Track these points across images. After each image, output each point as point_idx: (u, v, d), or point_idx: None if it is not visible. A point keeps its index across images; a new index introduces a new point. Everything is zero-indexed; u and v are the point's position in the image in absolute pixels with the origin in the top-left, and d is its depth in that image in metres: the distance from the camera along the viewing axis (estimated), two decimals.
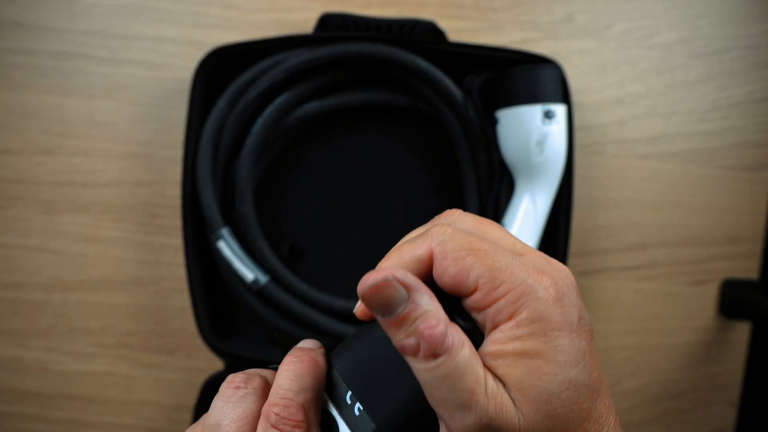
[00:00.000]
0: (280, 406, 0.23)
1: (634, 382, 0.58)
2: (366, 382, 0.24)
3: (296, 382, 0.24)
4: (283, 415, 0.23)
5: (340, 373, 0.25)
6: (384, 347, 0.23)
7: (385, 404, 0.23)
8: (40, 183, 0.53)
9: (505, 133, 0.48)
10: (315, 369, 0.25)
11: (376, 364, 0.24)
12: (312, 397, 0.24)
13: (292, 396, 0.24)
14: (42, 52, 0.52)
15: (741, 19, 0.57)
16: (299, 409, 0.23)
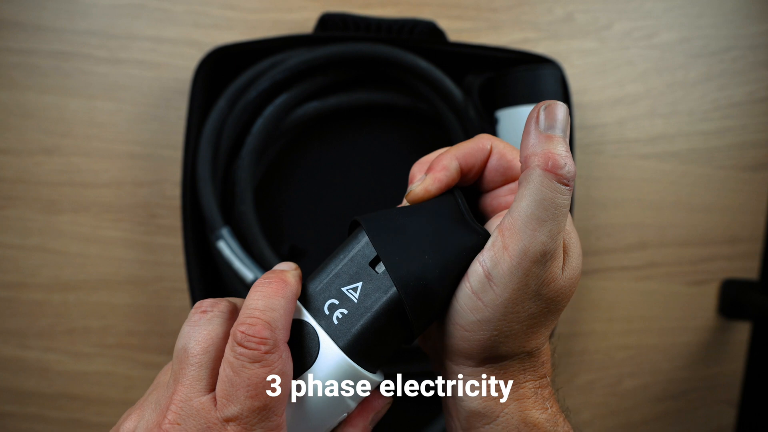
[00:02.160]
0: (246, 324, 0.23)
1: (634, 382, 0.58)
2: (341, 294, 0.27)
3: (263, 302, 0.24)
4: (249, 333, 0.23)
5: (317, 283, 0.28)
6: (358, 265, 0.27)
7: (362, 314, 0.26)
8: (40, 183, 0.53)
9: (505, 133, 0.48)
10: (284, 289, 0.25)
11: (348, 279, 0.27)
12: (280, 315, 0.24)
13: (258, 314, 0.24)
14: (42, 52, 0.52)
15: (741, 19, 0.57)
16: (265, 327, 0.23)
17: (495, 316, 0.24)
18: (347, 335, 0.26)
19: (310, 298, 0.27)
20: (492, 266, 0.24)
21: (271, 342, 0.23)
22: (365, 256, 0.27)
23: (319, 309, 0.27)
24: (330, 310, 0.26)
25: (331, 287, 0.27)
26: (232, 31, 0.53)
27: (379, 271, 0.26)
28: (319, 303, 0.27)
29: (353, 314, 0.26)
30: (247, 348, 0.23)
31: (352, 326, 0.26)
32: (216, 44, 0.48)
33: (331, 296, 0.27)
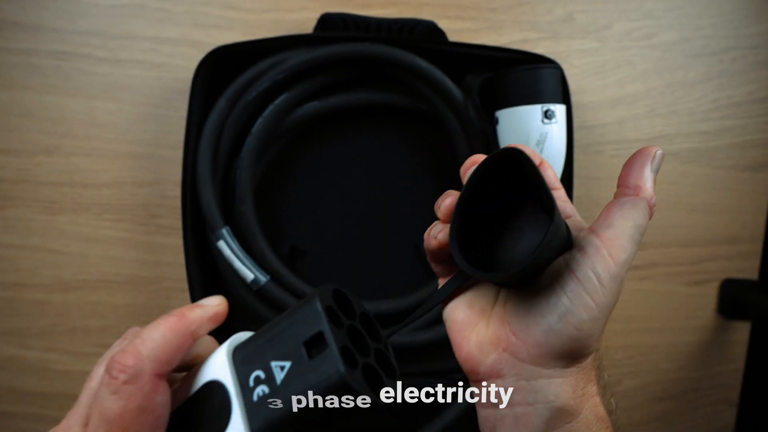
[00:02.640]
0: (119, 352, 0.23)
1: (634, 381, 0.58)
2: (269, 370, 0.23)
3: (145, 332, 0.23)
4: (115, 359, 0.22)
5: (256, 342, 0.24)
6: (295, 338, 0.23)
7: (281, 402, 0.22)
8: (40, 183, 0.53)
9: (505, 133, 0.48)
10: (175, 323, 0.24)
11: (281, 355, 0.23)
12: (155, 346, 0.23)
13: (129, 343, 0.23)
14: (42, 52, 0.52)
15: (741, 19, 0.57)
16: (130, 356, 0.22)
17: (602, 316, 0.26)
18: (260, 422, 0.22)
19: (245, 360, 0.23)
20: (602, 272, 0.25)
21: (131, 372, 0.22)
22: (304, 331, 0.22)
23: (246, 377, 0.23)
24: (255, 382, 0.23)
25: (262, 354, 0.23)
26: (232, 31, 0.53)
27: (315, 357, 0.22)
28: (248, 370, 0.23)
29: (275, 397, 0.22)
30: (109, 376, 0.22)
31: (269, 413, 0.22)
32: (216, 44, 0.48)
33: (259, 366, 0.23)
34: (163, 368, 0.23)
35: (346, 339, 0.22)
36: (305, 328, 0.22)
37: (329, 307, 0.23)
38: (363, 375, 0.22)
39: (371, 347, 0.24)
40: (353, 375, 0.21)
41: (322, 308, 0.22)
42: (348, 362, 0.22)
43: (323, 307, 0.22)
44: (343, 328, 0.23)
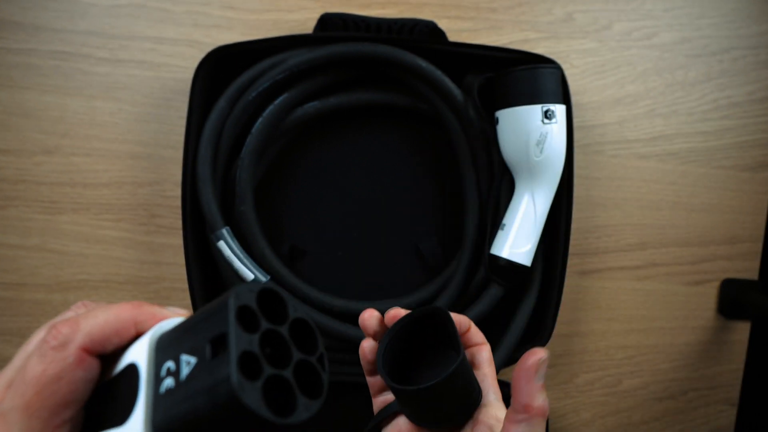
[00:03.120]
0: (60, 320, 0.23)
1: (634, 382, 0.58)
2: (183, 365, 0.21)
3: (94, 310, 0.23)
4: (55, 325, 0.23)
5: (176, 331, 0.23)
6: (203, 333, 0.21)
7: (180, 401, 0.20)
8: (40, 183, 0.53)
9: (505, 133, 0.48)
10: (128, 311, 0.24)
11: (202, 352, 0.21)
12: (95, 324, 0.23)
13: (74, 314, 0.23)
14: (42, 52, 0.52)
15: (741, 19, 0.57)
16: (68, 325, 0.22)
17: None
18: (161, 416, 0.21)
19: (164, 348, 0.22)
20: None
21: (62, 339, 0.22)
22: (210, 328, 0.21)
23: (159, 366, 0.22)
24: (166, 373, 0.21)
25: (178, 344, 0.22)
26: (232, 31, 0.53)
27: (216, 358, 0.20)
28: (163, 358, 0.22)
29: (175, 395, 0.20)
30: (43, 339, 0.22)
31: (169, 410, 0.20)
32: (216, 44, 0.48)
33: (172, 357, 0.21)
34: (95, 346, 0.23)
35: (255, 345, 0.20)
36: (213, 326, 0.21)
37: (244, 308, 0.21)
38: (265, 388, 0.20)
39: (294, 358, 0.21)
40: (246, 387, 0.19)
41: (233, 307, 0.20)
42: (247, 371, 0.19)
43: (236, 307, 0.21)
44: (257, 333, 0.21)
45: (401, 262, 0.54)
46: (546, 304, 0.50)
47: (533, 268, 0.50)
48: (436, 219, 0.54)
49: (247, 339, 0.20)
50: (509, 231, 0.48)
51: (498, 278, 0.49)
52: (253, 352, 0.20)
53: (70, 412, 0.22)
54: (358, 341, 0.48)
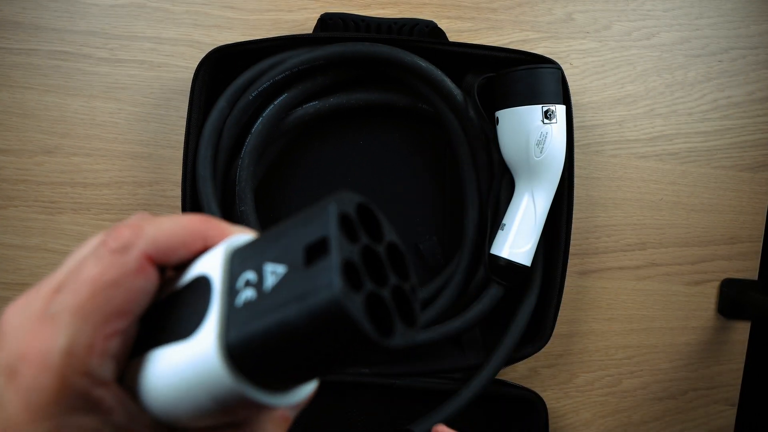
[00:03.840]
0: (122, 223, 0.21)
1: (634, 381, 0.58)
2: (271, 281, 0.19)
3: (160, 218, 0.21)
4: (116, 227, 0.21)
5: (258, 241, 0.20)
6: (296, 240, 0.19)
7: (265, 312, 0.18)
8: (40, 183, 0.53)
9: (505, 133, 0.48)
10: (197, 223, 0.21)
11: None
12: (159, 231, 0.21)
13: (137, 219, 0.21)
14: (42, 52, 0.52)
15: (741, 19, 0.57)
16: (130, 229, 0.20)
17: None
18: (237, 333, 0.18)
19: (242, 259, 0.20)
20: None
21: (123, 242, 0.20)
22: (308, 233, 0.18)
23: (236, 278, 0.19)
24: (244, 285, 0.19)
25: (259, 254, 0.19)
26: (232, 31, 0.53)
27: (313, 265, 0.18)
28: (241, 270, 0.19)
29: (258, 306, 0.18)
30: (101, 241, 0.20)
31: (249, 323, 0.18)
32: (216, 44, 0.48)
33: (252, 267, 0.19)
34: (159, 254, 0.20)
35: (356, 256, 0.18)
36: (311, 231, 0.18)
37: (345, 216, 0.19)
38: (366, 304, 0.17)
39: (390, 281, 0.19)
40: (350, 296, 0.17)
41: (336, 213, 0.18)
42: (349, 280, 0.17)
43: (338, 213, 0.18)
44: (357, 245, 0.19)
45: None
46: (546, 304, 0.50)
47: (533, 268, 0.50)
48: (436, 219, 0.54)
49: (349, 248, 0.18)
50: (509, 231, 0.48)
51: (498, 278, 0.49)
52: (355, 263, 0.18)
53: (124, 324, 0.20)
54: None
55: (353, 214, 0.19)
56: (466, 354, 0.52)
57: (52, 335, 0.19)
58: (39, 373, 0.19)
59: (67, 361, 0.19)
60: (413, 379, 0.51)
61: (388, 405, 0.51)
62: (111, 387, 0.20)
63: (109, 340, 0.19)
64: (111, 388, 0.20)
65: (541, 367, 0.57)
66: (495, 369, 0.49)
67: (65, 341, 0.19)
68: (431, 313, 0.50)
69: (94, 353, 0.19)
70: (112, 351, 0.20)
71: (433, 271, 0.53)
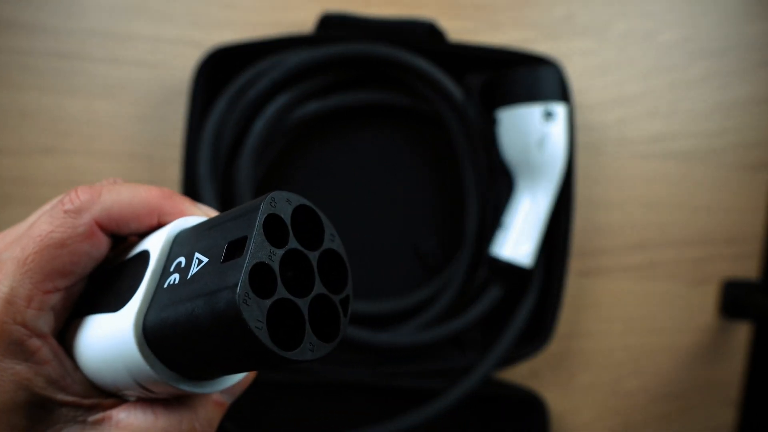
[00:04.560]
0: (83, 186, 0.22)
1: (634, 382, 0.58)
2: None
3: (121, 186, 0.22)
4: (76, 189, 0.21)
5: (197, 227, 0.20)
6: (221, 235, 0.19)
7: (181, 300, 0.18)
8: (40, 183, 0.53)
9: (505, 133, 0.48)
10: (156, 198, 0.22)
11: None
12: (117, 199, 0.21)
13: (99, 185, 0.22)
14: (42, 51, 0.52)
15: (741, 19, 0.57)
16: (88, 193, 0.21)
17: None
18: (154, 316, 0.19)
19: (182, 242, 0.20)
20: None
21: (77, 205, 0.21)
22: (234, 229, 0.18)
23: (172, 259, 0.20)
24: (175, 268, 0.19)
25: (195, 240, 0.20)
26: (232, 31, 0.53)
27: (228, 263, 0.18)
28: (178, 252, 0.20)
29: (176, 292, 0.18)
30: (59, 201, 0.21)
31: (165, 308, 0.18)
32: (216, 44, 0.48)
33: (185, 252, 0.19)
34: (110, 223, 0.21)
35: (275, 260, 0.18)
36: (236, 228, 0.18)
37: (275, 217, 0.19)
38: (273, 311, 0.17)
39: (315, 290, 0.19)
40: (251, 301, 0.16)
41: (262, 212, 0.18)
42: (258, 285, 0.17)
43: (265, 213, 0.18)
44: (282, 249, 0.18)
45: (401, 262, 0.54)
46: (546, 304, 0.50)
47: (534, 268, 0.49)
48: (436, 219, 0.54)
49: (269, 251, 0.18)
50: (509, 231, 0.48)
51: (498, 279, 0.49)
52: (271, 267, 0.18)
53: (65, 282, 0.21)
54: (358, 341, 0.48)
55: (287, 216, 0.19)
56: (466, 354, 0.52)
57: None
58: None
59: (5, 308, 0.20)
60: (412, 379, 0.51)
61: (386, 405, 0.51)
62: (47, 340, 0.21)
63: (47, 296, 0.21)
64: (47, 341, 0.21)
65: (542, 368, 0.57)
66: (487, 369, 0.48)
67: (6, 289, 0.20)
68: (431, 313, 0.50)
69: (32, 305, 0.20)
70: (49, 306, 0.21)
71: (433, 271, 0.53)
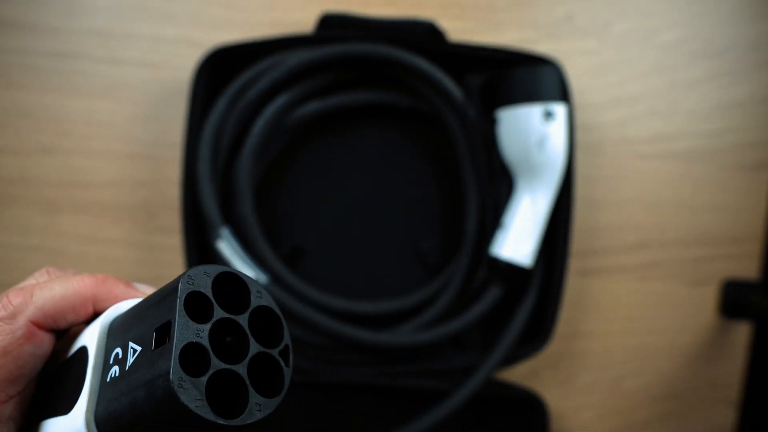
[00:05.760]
0: (15, 288, 0.22)
1: (635, 382, 0.58)
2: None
3: (53, 282, 0.22)
4: (8, 293, 0.21)
5: (129, 314, 0.21)
6: (149, 321, 0.19)
7: (123, 392, 0.19)
8: (40, 183, 0.53)
9: (505, 133, 0.48)
10: (89, 287, 0.22)
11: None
12: (49, 297, 0.21)
13: (32, 284, 0.22)
14: (41, 51, 0.52)
15: (741, 19, 0.57)
16: (20, 295, 0.21)
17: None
18: (104, 408, 0.19)
19: (115, 332, 0.21)
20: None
21: (11, 310, 0.21)
22: (158, 315, 0.19)
23: (110, 351, 0.20)
24: (114, 360, 0.20)
25: (127, 330, 0.20)
26: (232, 31, 0.53)
27: (158, 349, 0.18)
28: (114, 344, 0.20)
29: (119, 385, 0.19)
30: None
31: (112, 402, 0.19)
32: (216, 44, 0.48)
33: (120, 343, 0.20)
34: (47, 320, 0.21)
35: (204, 336, 0.18)
36: (160, 312, 0.19)
37: (196, 294, 0.19)
38: (211, 384, 0.18)
39: (251, 351, 0.19)
40: (186, 383, 0.17)
41: (182, 293, 0.19)
42: (191, 365, 0.18)
43: (186, 293, 0.19)
44: (208, 323, 0.19)
45: (401, 262, 0.54)
46: (546, 304, 0.50)
47: (534, 268, 0.49)
48: (436, 219, 0.54)
49: (195, 329, 0.18)
50: (509, 231, 0.48)
51: (498, 279, 0.49)
52: (201, 344, 0.18)
53: (17, 388, 0.21)
54: (358, 341, 0.48)
55: (208, 291, 0.19)
56: (465, 354, 0.52)
57: None
58: None
59: None
60: (412, 379, 0.51)
61: (386, 406, 0.51)
62: None
63: (2, 406, 0.20)
64: None
65: (542, 368, 0.57)
66: (489, 370, 0.48)
67: None
68: (431, 313, 0.50)
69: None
70: (6, 416, 0.20)
71: (433, 271, 0.53)
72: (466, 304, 0.50)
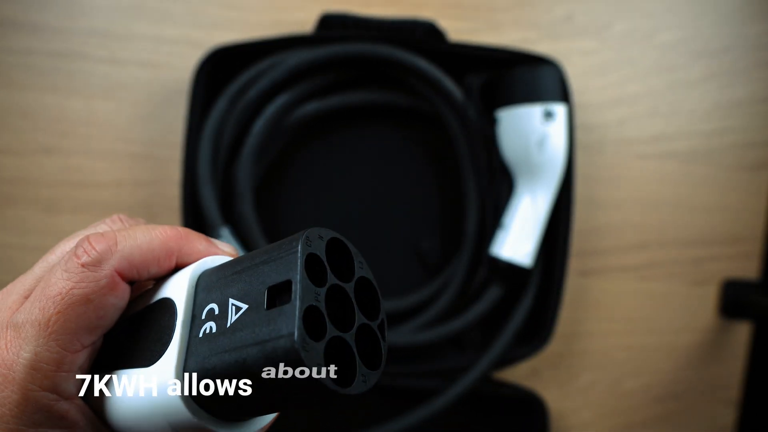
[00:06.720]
0: (96, 234, 0.20)
1: (635, 382, 0.58)
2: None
3: (135, 229, 0.21)
4: (90, 238, 0.20)
5: (224, 271, 0.20)
6: (260, 280, 0.19)
7: (224, 349, 0.18)
8: (40, 183, 0.53)
9: (505, 133, 0.48)
10: (172, 239, 0.21)
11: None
12: (134, 245, 0.20)
13: (112, 231, 0.21)
14: (42, 51, 0.52)
15: (741, 19, 0.57)
16: (105, 241, 0.20)
17: None
18: (196, 363, 0.19)
19: (207, 287, 0.20)
20: None
21: (96, 257, 0.19)
22: (273, 273, 0.18)
23: (201, 307, 0.20)
24: (207, 316, 0.19)
25: (225, 286, 0.19)
26: (232, 31, 0.53)
27: (275, 309, 0.18)
28: (206, 299, 0.20)
29: (218, 342, 0.18)
30: (74, 253, 0.19)
31: (209, 358, 0.18)
32: (216, 44, 0.48)
33: (217, 299, 0.19)
34: (131, 271, 0.20)
35: (321, 300, 0.18)
36: (275, 272, 0.18)
37: (313, 257, 0.19)
38: (327, 351, 0.17)
39: (357, 321, 0.19)
40: (309, 346, 0.17)
41: (301, 254, 0.18)
42: (310, 329, 0.17)
43: (305, 254, 0.18)
44: (324, 287, 0.18)
45: (401, 262, 0.54)
46: (546, 304, 0.50)
47: (533, 268, 0.49)
48: (436, 219, 0.54)
49: (314, 292, 0.18)
50: (509, 231, 0.48)
51: (498, 279, 0.49)
52: (319, 309, 0.18)
53: (92, 338, 0.20)
54: None
55: (322, 253, 0.19)
56: (465, 354, 0.52)
57: (16, 347, 0.19)
58: (1, 385, 0.19)
59: (31, 375, 0.18)
60: (412, 379, 0.51)
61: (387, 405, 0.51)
62: (74, 401, 0.20)
63: (76, 355, 0.19)
64: (74, 402, 0.20)
65: (542, 368, 0.57)
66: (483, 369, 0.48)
67: (29, 356, 0.19)
68: (431, 313, 0.50)
69: (62, 369, 0.19)
70: (78, 365, 0.20)
71: (433, 271, 0.53)
72: (466, 304, 0.50)
